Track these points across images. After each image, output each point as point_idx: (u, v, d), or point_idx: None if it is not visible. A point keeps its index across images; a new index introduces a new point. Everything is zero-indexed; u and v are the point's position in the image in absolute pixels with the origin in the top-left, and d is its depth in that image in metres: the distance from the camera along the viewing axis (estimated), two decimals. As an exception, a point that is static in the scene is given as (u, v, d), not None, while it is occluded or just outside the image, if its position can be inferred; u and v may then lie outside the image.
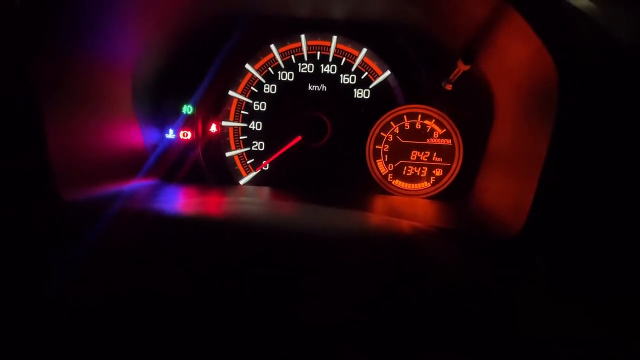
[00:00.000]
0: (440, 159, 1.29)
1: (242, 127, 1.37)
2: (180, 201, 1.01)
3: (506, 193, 1.02)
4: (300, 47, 1.34)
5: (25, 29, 0.87)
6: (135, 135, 1.26)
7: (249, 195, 1.25)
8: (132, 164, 1.25)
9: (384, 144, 1.31)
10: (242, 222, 0.79)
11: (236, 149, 1.38)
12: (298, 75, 1.35)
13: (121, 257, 0.66)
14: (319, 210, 0.94)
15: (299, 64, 1.35)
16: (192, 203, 1.01)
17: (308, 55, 1.34)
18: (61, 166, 0.93)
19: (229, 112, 1.37)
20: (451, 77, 1.17)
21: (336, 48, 1.33)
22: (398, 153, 1.31)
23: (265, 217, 0.86)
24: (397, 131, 1.30)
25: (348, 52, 1.34)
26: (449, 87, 1.22)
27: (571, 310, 0.75)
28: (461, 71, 1.11)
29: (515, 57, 0.95)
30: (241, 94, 1.36)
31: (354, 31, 1.31)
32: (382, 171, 1.32)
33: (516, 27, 0.86)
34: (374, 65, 1.33)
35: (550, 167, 0.82)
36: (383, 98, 1.32)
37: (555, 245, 0.85)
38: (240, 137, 1.38)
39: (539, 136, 0.86)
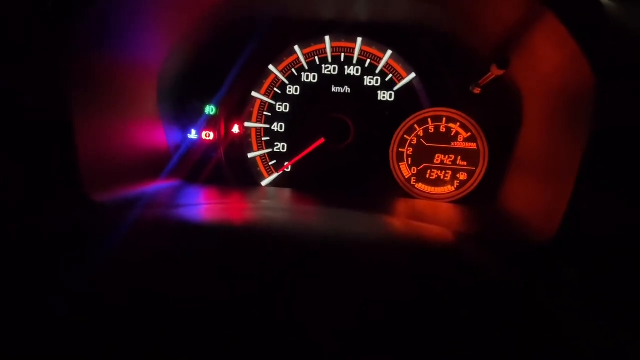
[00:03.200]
0: (464, 163, 1.28)
1: (264, 128, 1.37)
2: (202, 206, 1.00)
3: (535, 199, 1.00)
4: (324, 48, 1.33)
5: (56, 30, 0.87)
6: (159, 135, 1.26)
7: (270, 197, 1.25)
8: (156, 164, 1.25)
9: (408, 147, 1.29)
10: (264, 229, 0.76)
11: (258, 150, 1.37)
12: (322, 76, 1.34)
13: (144, 262, 0.65)
14: (344, 216, 0.92)
15: (323, 66, 1.34)
16: (214, 209, 0.99)
17: (332, 56, 1.33)
18: (89, 166, 0.93)
19: (251, 113, 1.37)
20: (481, 81, 1.15)
21: (361, 50, 1.32)
22: (422, 156, 1.29)
23: (288, 225, 0.83)
24: (421, 134, 1.29)
25: (373, 54, 1.32)
26: (477, 90, 1.20)
27: (605, 323, 0.73)
28: (494, 75, 1.09)
29: (548, 61, 0.93)
30: (264, 95, 1.36)
31: (379, 33, 1.30)
32: (405, 174, 1.31)
33: (552, 30, 0.84)
34: (398, 67, 1.32)
35: (586, 174, 0.80)
36: (407, 101, 1.31)
37: (590, 254, 0.83)
38: (263, 139, 1.37)
39: (573, 142, 0.84)
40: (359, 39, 1.31)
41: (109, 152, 1.04)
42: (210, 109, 1.34)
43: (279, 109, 1.36)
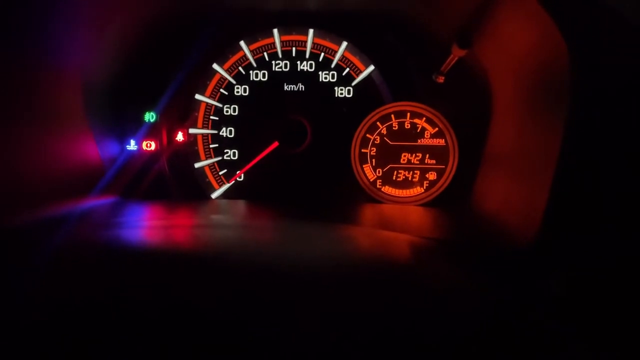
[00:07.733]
0: (433, 161, 1.22)
1: (212, 134, 1.28)
2: (138, 227, 0.89)
3: (512, 198, 0.93)
4: (274, 43, 1.26)
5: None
6: (88, 148, 1.14)
7: (222, 211, 1.16)
8: (86, 180, 1.13)
9: (371, 147, 1.22)
10: (213, 255, 0.69)
11: (206, 159, 1.28)
12: (272, 74, 1.26)
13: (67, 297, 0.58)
14: (299, 235, 0.84)
15: (273, 62, 1.26)
16: (152, 229, 0.89)
17: (282, 51, 1.26)
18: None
19: (196, 118, 1.28)
20: (443, 67, 1.09)
21: (313, 43, 1.26)
22: (386, 156, 1.22)
23: (238, 249, 0.76)
24: (385, 132, 1.22)
25: (326, 47, 1.26)
26: (440, 79, 1.15)
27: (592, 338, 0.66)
28: (456, 58, 1.04)
29: (517, 39, 0.87)
30: (209, 97, 1.27)
31: (332, 23, 1.24)
32: (369, 177, 1.23)
33: (520, 3, 0.78)
34: (355, 60, 1.26)
35: (566, 165, 0.73)
36: (367, 96, 1.25)
37: (575, 259, 0.74)
38: (211, 146, 1.28)
39: (549, 130, 0.77)
40: (311, 31, 1.25)
41: (24, 169, 0.92)
42: (150, 116, 1.24)
43: (227, 112, 1.27)
